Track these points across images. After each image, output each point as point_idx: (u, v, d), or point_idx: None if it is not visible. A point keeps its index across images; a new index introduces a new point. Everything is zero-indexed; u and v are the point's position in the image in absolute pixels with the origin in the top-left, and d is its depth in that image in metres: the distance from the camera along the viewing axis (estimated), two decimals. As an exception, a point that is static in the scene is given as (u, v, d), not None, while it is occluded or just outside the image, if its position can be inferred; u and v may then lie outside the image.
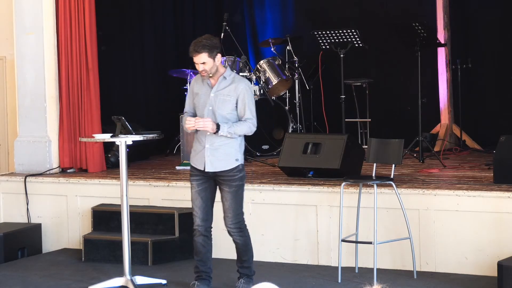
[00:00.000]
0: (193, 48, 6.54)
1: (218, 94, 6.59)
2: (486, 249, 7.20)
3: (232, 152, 6.60)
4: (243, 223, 6.69)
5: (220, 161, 6.58)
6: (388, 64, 11.30)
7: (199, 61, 6.52)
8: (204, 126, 6.48)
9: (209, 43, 6.53)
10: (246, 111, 6.59)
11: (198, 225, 6.70)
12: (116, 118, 7.23)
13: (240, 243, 6.70)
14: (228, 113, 6.58)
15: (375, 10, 11.35)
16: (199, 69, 6.57)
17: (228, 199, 6.60)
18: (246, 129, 6.59)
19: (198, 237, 6.73)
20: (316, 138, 8.63)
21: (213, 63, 6.54)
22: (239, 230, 6.66)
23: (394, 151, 7.32)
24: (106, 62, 10.14)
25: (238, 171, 6.62)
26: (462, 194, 7.31)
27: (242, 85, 6.60)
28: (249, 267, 6.79)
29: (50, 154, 9.32)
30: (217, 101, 6.58)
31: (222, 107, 6.57)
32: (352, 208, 7.42)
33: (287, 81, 10.73)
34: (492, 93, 10.91)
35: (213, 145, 6.57)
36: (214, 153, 6.57)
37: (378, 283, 6.85)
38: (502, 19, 10.77)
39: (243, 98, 6.58)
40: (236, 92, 6.58)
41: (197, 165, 6.65)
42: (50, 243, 8.93)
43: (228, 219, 6.63)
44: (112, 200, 8.55)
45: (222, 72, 6.64)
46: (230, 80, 6.63)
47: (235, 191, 6.61)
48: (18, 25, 9.38)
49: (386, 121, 11.31)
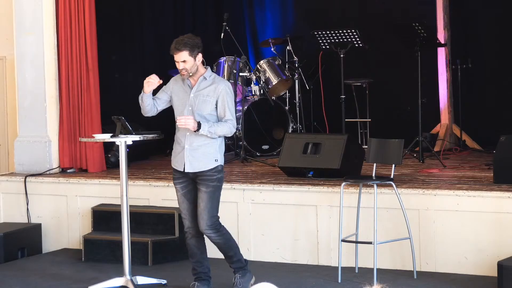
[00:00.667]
0: (174, 46, 6.55)
1: (198, 94, 6.58)
2: (486, 249, 7.20)
3: (211, 152, 6.57)
4: (218, 223, 6.62)
5: (199, 162, 6.56)
6: (388, 64, 11.30)
7: (180, 59, 6.52)
8: (186, 124, 6.45)
9: (190, 42, 6.53)
10: (226, 112, 6.55)
11: (188, 227, 6.69)
12: (116, 118, 7.24)
13: (221, 242, 6.65)
14: (207, 114, 6.56)
15: (375, 10, 11.35)
16: (179, 68, 6.56)
17: (204, 200, 6.54)
18: (226, 129, 6.54)
19: (190, 239, 6.72)
20: (316, 138, 8.63)
21: (194, 62, 6.54)
22: (216, 231, 6.60)
23: (394, 151, 7.32)
24: (106, 62, 10.14)
25: (217, 172, 6.58)
26: (462, 194, 7.31)
27: (222, 85, 6.58)
28: (239, 260, 6.76)
29: (50, 154, 9.32)
30: (197, 101, 6.57)
31: (201, 108, 6.55)
32: (352, 208, 7.42)
33: (287, 81, 10.73)
34: (492, 93, 10.91)
35: (192, 145, 6.56)
36: (193, 153, 6.56)
37: (378, 283, 6.85)
38: (502, 19, 10.77)
39: (223, 99, 6.55)
40: (216, 92, 6.55)
41: (177, 166, 6.64)
42: (50, 243, 8.93)
43: (202, 222, 6.55)
44: (112, 200, 8.55)
45: (203, 72, 6.64)
46: (211, 80, 6.61)
47: (212, 191, 6.56)
48: (18, 25, 9.38)
49: (386, 121, 11.31)
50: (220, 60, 10.54)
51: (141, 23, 11.53)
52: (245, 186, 8.13)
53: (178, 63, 6.57)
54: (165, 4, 11.84)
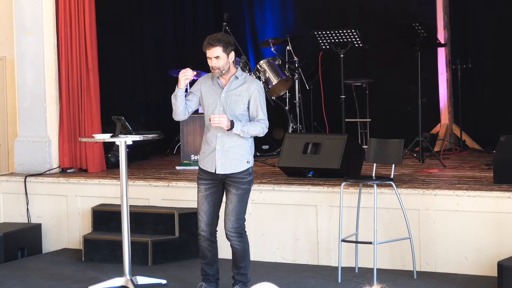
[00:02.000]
0: (207, 42, 6.39)
1: (230, 94, 6.43)
2: (486, 249, 7.20)
3: (243, 154, 6.45)
4: (243, 228, 6.52)
5: (231, 163, 6.42)
6: (388, 64, 11.30)
7: (213, 54, 6.36)
8: (220, 122, 6.27)
9: (224, 38, 6.41)
10: (259, 112, 6.42)
11: (202, 230, 6.55)
12: (116, 118, 7.23)
13: (239, 248, 6.52)
14: (239, 114, 6.41)
15: (375, 10, 11.35)
16: (212, 64, 6.38)
17: (233, 201, 6.43)
18: (259, 129, 6.40)
19: (203, 242, 6.59)
20: (316, 138, 8.63)
21: (227, 60, 6.39)
22: (239, 235, 6.48)
23: (394, 151, 7.31)
24: (106, 62, 10.14)
25: (248, 174, 6.48)
26: (462, 194, 7.31)
27: (254, 85, 6.45)
28: (245, 274, 6.63)
29: (50, 154, 9.32)
30: (229, 101, 6.42)
31: (233, 108, 6.41)
32: (352, 208, 7.42)
33: (287, 81, 10.73)
34: (492, 93, 10.91)
35: (224, 146, 6.42)
36: (225, 154, 6.42)
37: (378, 283, 6.85)
38: (502, 19, 10.77)
39: (255, 99, 6.42)
40: (248, 92, 6.42)
41: (207, 167, 6.48)
42: (50, 243, 8.93)
43: (229, 222, 6.45)
44: (112, 200, 8.55)
45: (234, 72, 6.49)
46: (242, 80, 6.47)
47: (242, 194, 6.46)
48: (18, 25, 9.39)
49: (386, 121, 11.32)
50: (220, 60, 10.53)
51: (141, 23, 11.53)
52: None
53: (210, 59, 6.38)
54: (165, 4, 11.84)
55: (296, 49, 11.02)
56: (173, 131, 10.64)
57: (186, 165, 9.65)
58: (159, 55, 11.76)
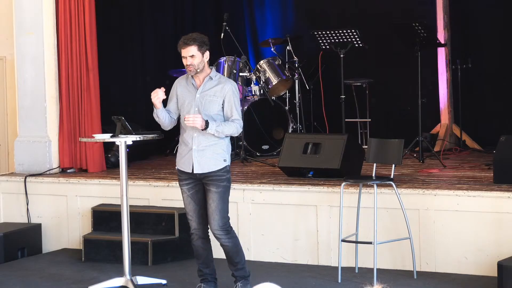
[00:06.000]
0: (182, 41, 6.51)
1: (204, 94, 6.52)
2: (486, 249, 7.20)
3: (220, 153, 6.53)
4: (229, 225, 6.57)
5: (208, 162, 6.50)
6: (388, 64, 11.30)
7: (188, 54, 6.46)
8: (194, 122, 6.37)
9: (199, 38, 6.50)
10: (233, 112, 6.51)
11: (195, 228, 6.62)
12: (116, 118, 7.23)
13: (230, 245, 6.55)
14: (214, 114, 6.50)
15: (375, 10, 11.35)
16: (187, 63, 6.48)
17: (215, 200, 6.49)
18: (233, 129, 6.49)
19: (196, 241, 6.65)
20: (316, 138, 8.63)
21: (202, 59, 6.49)
22: (226, 232, 6.53)
23: (394, 151, 7.32)
24: (106, 62, 10.14)
25: (226, 172, 6.55)
26: (462, 194, 7.31)
27: (228, 85, 6.53)
28: (244, 268, 6.68)
29: (50, 154, 9.32)
30: (204, 101, 6.51)
31: (208, 108, 6.50)
32: (352, 208, 7.42)
33: (287, 81, 10.73)
34: (492, 93, 10.91)
35: (200, 145, 6.50)
36: (201, 154, 6.50)
37: (378, 283, 6.85)
38: (502, 19, 10.77)
39: (229, 99, 6.50)
40: (223, 92, 6.50)
41: (184, 168, 6.58)
42: (50, 243, 8.93)
43: (214, 222, 6.49)
44: (112, 200, 8.55)
45: (208, 72, 6.58)
46: (216, 80, 6.56)
47: (222, 191, 6.52)
48: (18, 25, 9.39)
49: (386, 121, 11.32)
50: (220, 60, 10.54)
51: (141, 23, 11.53)
52: (245, 186, 8.13)
53: (185, 58, 6.49)
54: (165, 4, 11.84)
55: (296, 49, 11.02)
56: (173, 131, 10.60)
57: (186, 165, 9.63)
58: (159, 55, 11.75)
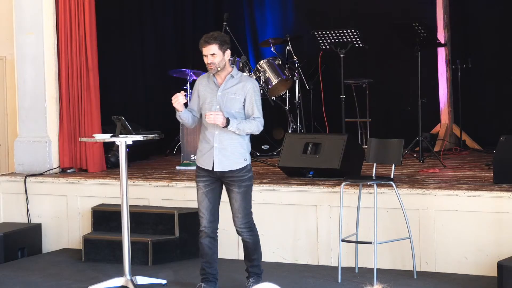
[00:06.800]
0: (203, 40, 6.52)
1: (226, 92, 6.55)
2: (486, 249, 7.20)
3: (241, 152, 6.55)
4: (252, 222, 6.66)
5: (229, 160, 6.52)
6: (388, 64, 11.30)
7: (209, 52, 6.48)
8: (215, 119, 6.39)
9: (220, 37, 6.54)
10: (254, 110, 6.54)
11: (204, 226, 6.63)
12: (116, 118, 7.23)
13: (250, 242, 6.64)
14: (236, 112, 6.52)
15: (375, 10, 11.35)
16: (207, 61, 6.51)
17: (238, 200, 6.54)
18: (254, 127, 6.52)
19: (204, 239, 6.65)
20: (316, 138, 8.63)
21: (222, 57, 6.52)
22: (249, 229, 6.62)
23: (394, 151, 7.31)
24: (106, 62, 10.14)
25: (247, 171, 6.57)
26: (462, 194, 7.31)
27: (249, 84, 6.57)
28: (258, 266, 6.75)
29: (50, 154, 9.32)
30: (225, 99, 6.54)
31: (229, 106, 6.52)
32: (352, 208, 7.42)
33: (287, 81, 10.73)
34: (492, 93, 10.91)
35: (222, 143, 6.52)
36: (222, 152, 6.51)
37: (378, 283, 6.85)
38: (502, 19, 10.77)
39: (250, 97, 6.54)
40: (244, 90, 6.54)
41: (204, 165, 6.57)
42: (50, 243, 8.93)
43: (238, 220, 6.58)
44: (112, 200, 8.55)
45: (230, 71, 6.62)
46: (238, 79, 6.60)
47: (244, 191, 6.56)
48: (18, 25, 9.38)
49: (386, 121, 11.32)
50: (220, 60, 10.53)
51: (141, 23, 11.53)
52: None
53: (206, 56, 6.50)
54: (165, 4, 11.84)
55: (296, 49, 11.02)
56: (173, 131, 10.64)
57: (186, 165, 9.64)
58: (159, 55, 11.76)
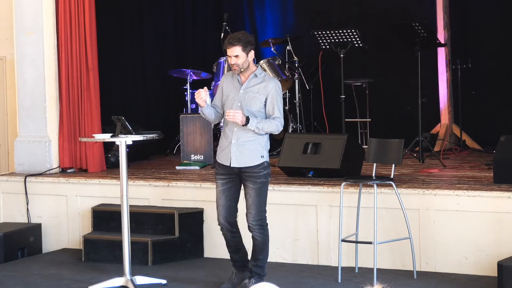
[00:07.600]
0: (228, 41, 6.66)
1: (248, 91, 6.67)
2: (486, 249, 7.21)
3: (258, 149, 6.65)
4: (265, 220, 6.71)
5: (245, 157, 6.63)
6: (388, 64, 11.30)
7: (233, 53, 6.61)
8: (234, 117, 6.51)
9: (244, 38, 6.64)
10: (275, 110, 6.65)
11: (221, 222, 6.76)
12: (116, 118, 7.24)
13: (260, 240, 6.71)
14: (256, 111, 6.63)
15: (375, 10, 11.35)
16: (231, 62, 6.65)
17: (252, 196, 6.64)
18: (274, 127, 6.64)
19: (225, 233, 6.80)
20: (316, 138, 8.63)
21: (246, 58, 6.65)
22: (261, 227, 6.69)
23: (394, 151, 7.32)
24: (106, 62, 10.14)
25: (263, 168, 6.66)
26: (462, 194, 7.31)
27: (272, 84, 6.69)
28: (263, 267, 6.81)
29: (50, 154, 9.33)
30: (246, 98, 6.65)
31: (250, 104, 6.63)
32: (352, 208, 7.42)
33: (287, 81, 10.73)
34: (492, 93, 10.91)
35: (239, 140, 6.62)
36: (240, 148, 6.62)
37: (378, 283, 6.86)
38: (502, 19, 10.77)
39: (272, 97, 6.65)
40: (266, 90, 6.65)
41: (223, 161, 6.69)
42: (50, 243, 8.93)
43: (250, 216, 6.66)
44: (112, 200, 8.55)
45: (254, 70, 6.73)
46: (261, 78, 6.72)
47: (259, 187, 6.64)
48: (18, 25, 9.38)
49: (386, 121, 11.32)
50: (220, 60, 10.53)
51: (141, 23, 11.53)
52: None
53: (230, 57, 6.65)
54: (165, 4, 11.84)
55: (296, 49, 11.02)
56: (173, 131, 10.64)
57: (186, 165, 9.65)
58: (159, 55, 11.76)
